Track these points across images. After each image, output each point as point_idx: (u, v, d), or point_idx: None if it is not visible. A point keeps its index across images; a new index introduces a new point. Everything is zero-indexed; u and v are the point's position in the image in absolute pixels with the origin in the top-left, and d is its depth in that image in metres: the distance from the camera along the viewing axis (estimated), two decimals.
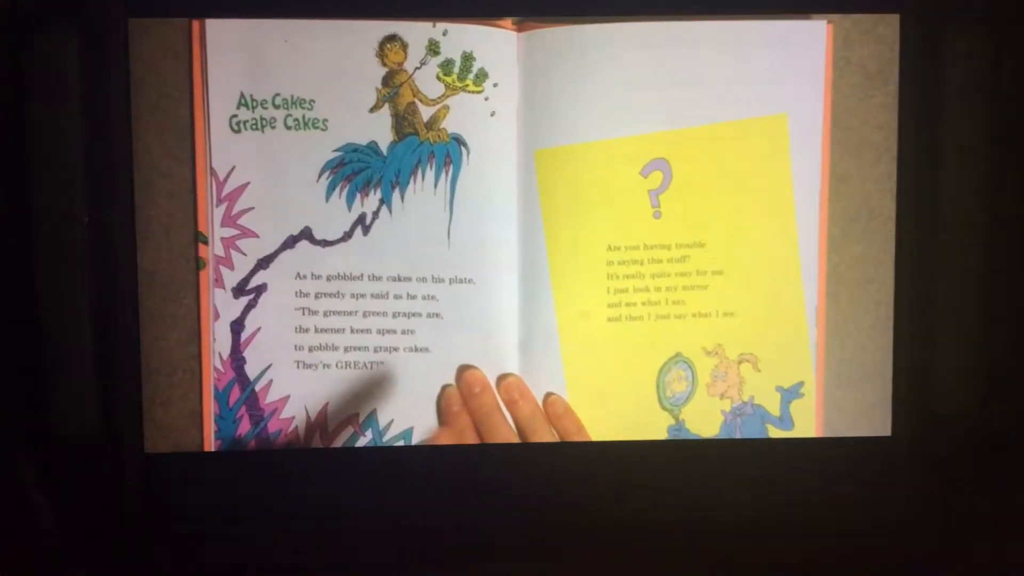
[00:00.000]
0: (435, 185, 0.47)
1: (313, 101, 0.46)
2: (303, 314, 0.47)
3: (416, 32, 0.46)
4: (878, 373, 0.48)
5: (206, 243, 0.47)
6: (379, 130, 0.47)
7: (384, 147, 0.47)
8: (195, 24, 0.46)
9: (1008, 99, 0.46)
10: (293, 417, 0.48)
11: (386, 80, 0.47)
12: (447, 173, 0.47)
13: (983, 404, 0.47)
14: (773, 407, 0.49)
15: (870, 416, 0.48)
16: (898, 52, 0.47)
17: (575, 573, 0.47)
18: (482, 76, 0.47)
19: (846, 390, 0.49)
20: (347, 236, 0.47)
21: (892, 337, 0.48)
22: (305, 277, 0.47)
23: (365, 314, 0.48)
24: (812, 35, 0.47)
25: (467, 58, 0.47)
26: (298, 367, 0.48)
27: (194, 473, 0.47)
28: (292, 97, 0.46)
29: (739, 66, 0.47)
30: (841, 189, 0.48)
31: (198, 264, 0.47)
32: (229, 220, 0.47)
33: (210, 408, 0.47)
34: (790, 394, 0.49)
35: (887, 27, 0.47)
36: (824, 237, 0.48)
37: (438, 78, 0.47)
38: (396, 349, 0.48)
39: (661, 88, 0.47)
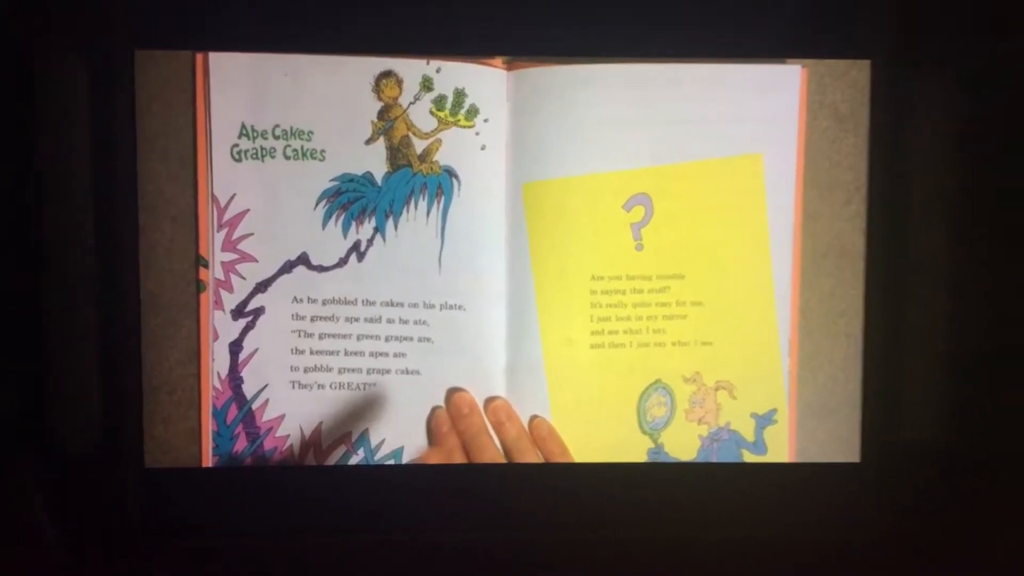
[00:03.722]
0: (427, 215, 0.48)
1: (311, 132, 0.47)
2: (299, 336, 0.48)
3: (411, 69, 0.47)
4: (848, 402, 0.49)
5: (207, 267, 0.48)
6: (374, 161, 0.48)
7: (379, 177, 0.48)
8: (199, 57, 0.47)
9: (975, 142, 0.47)
10: (288, 435, 0.48)
11: (381, 114, 0.47)
12: (439, 203, 0.48)
13: (948, 432, 0.47)
14: (748, 433, 0.50)
15: (840, 443, 0.49)
16: (868, 96, 0.48)
17: None
18: (473, 112, 0.48)
19: (817, 418, 0.49)
20: (342, 262, 0.48)
21: (861, 368, 0.49)
22: (302, 301, 0.48)
23: (359, 337, 0.48)
24: (787, 79, 0.48)
25: (459, 94, 0.47)
26: (294, 387, 0.48)
27: (192, 488, 0.47)
28: (291, 128, 0.47)
29: (718, 107, 0.48)
30: (813, 226, 0.49)
31: (199, 287, 0.48)
32: (229, 245, 0.48)
33: (208, 425, 0.48)
34: (764, 421, 0.50)
35: (859, 72, 0.48)
36: (797, 272, 0.49)
37: (431, 113, 0.48)
38: (388, 371, 0.48)
39: (644, 126, 0.48)
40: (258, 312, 0.48)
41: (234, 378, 0.48)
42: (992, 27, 0.47)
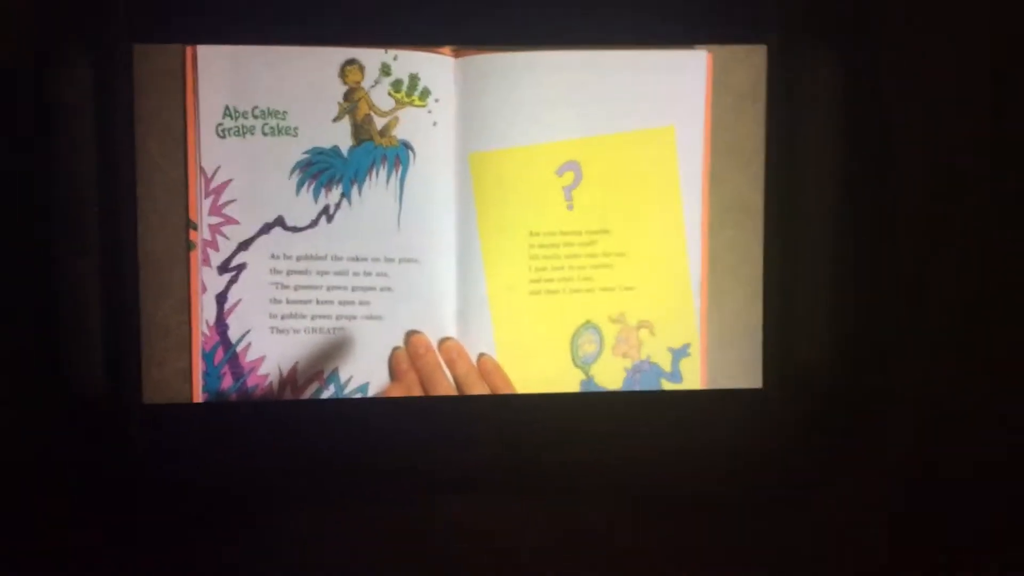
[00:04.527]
0: (387, 182, 0.50)
1: (286, 112, 0.49)
2: (277, 288, 0.50)
3: (371, 57, 0.49)
4: (750, 336, 0.51)
5: (195, 229, 0.49)
6: (341, 136, 0.49)
7: (345, 150, 0.49)
8: (189, 49, 0.48)
9: (855, 113, 0.49)
10: (268, 374, 0.50)
11: (346, 96, 0.49)
12: (397, 172, 0.50)
13: (838, 359, 0.49)
14: (666, 364, 0.52)
15: (745, 371, 0.51)
16: (765, 76, 0.50)
17: (504, 504, 0.49)
18: (426, 93, 0.49)
19: (725, 350, 0.52)
20: (314, 224, 0.50)
21: (762, 307, 0.51)
22: (278, 258, 0.50)
23: (328, 288, 0.50)
24: (696, 62, 0.50)
25: (413, 78, 0.49)
26: (272, 332, 0.50)
27: (185, 421, 0.49)
28: (268, 109, 0.49)
29: (636, 87, 0.50)
30: (719, 187, 0.51)
31: (188, 246, 0.49)
32: (215, 210, 0.49)
33: (198, 366, 0.49)
34: (679, 353, 0.52)
35: (757, 56, 0.50)
36: (705, 225, 0.51)
37: (389, 94, 0.49)
38: (354, 317, 0.50)
39: (572, 104, 0.50)
40: (240, 267, 0.50)
41: (220, 325, 0.49)
42: (871, 11, 0.49)
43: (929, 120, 0.49)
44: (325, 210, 0.50)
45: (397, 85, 0.50)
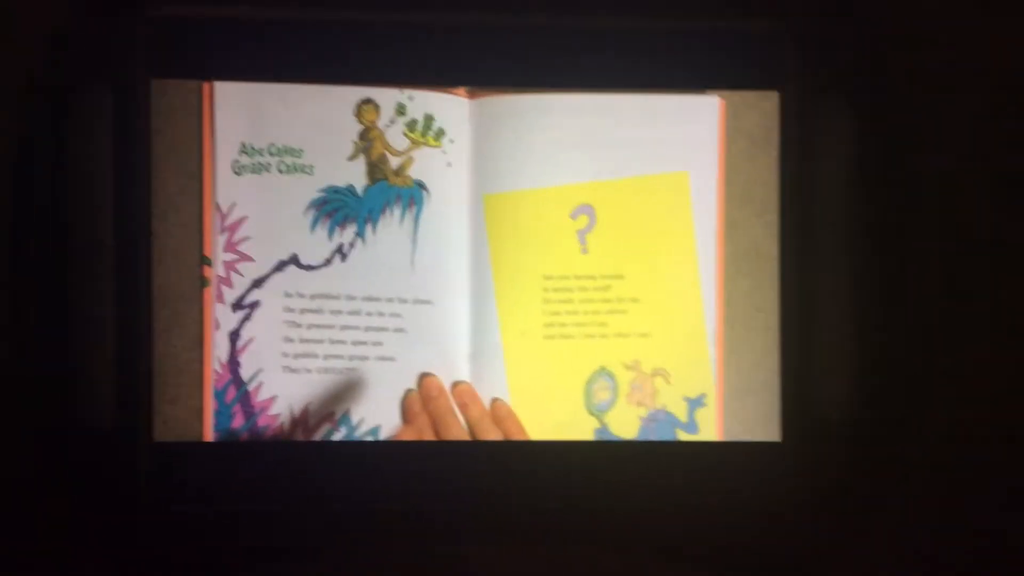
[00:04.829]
0: (401, 221, 0.49)
1: (302, 150, 0.49)
2: (290, 327, 0.49)
3: (387, 96, 0.49)
4: (768, 387, 0.50)
5: (210, 265, 0.49)
6: (355, 175, 0.49)
7: (360, 189, 0.49)
8: (205, 85, 0.48)
9: (870, 160, 0.49)
10: (279, 414, 0.49)
11: (362, 135, 0.49)
12: (411, 212, 0.49)
13: (857, 412, 0.48)
14: (681, 414, 0.51)
15: (763, 423, 0.50)
16: (778, 122, 0.49)
17: (515, 553, 0.48)
18: (440, 133, 0.49)
19: (742, 401, 0.50)
20: (328, 262, 0.49)
21: (779, 357, 0.50)
22: (292, 296, 0.49)
23: (342, 328, 0.49)
24: (708, 107, 0.50)
25: (428, 118, 0.49)
26: (285, 371, 0.49)
27: (195, 460, 0.48)
28: (284, 146, 0.49)
29: (649, 131, 0.49)
30: (733, 233, 0.50)
31: (202, 282, 0.49)
32: (230, 247, 0.49)
33: (210, 405, 0.49)
34: (695, 403, 0.51)
35: (769, 102, 0.49)
36: (721, 272, 0.50)
37: (404, 134, 0.49)
38: (367, 358, 0.49)
39: (586, 147, 0.49)
40: (254, 305, 0.49)
41: (233, 363, 0.49)
42: (885, 58, 0.49)
43: (945, 166, 0.49)
44: (339, 249, 0.50)
45: (412, 125, 0.50)
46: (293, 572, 0.48)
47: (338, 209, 0.49)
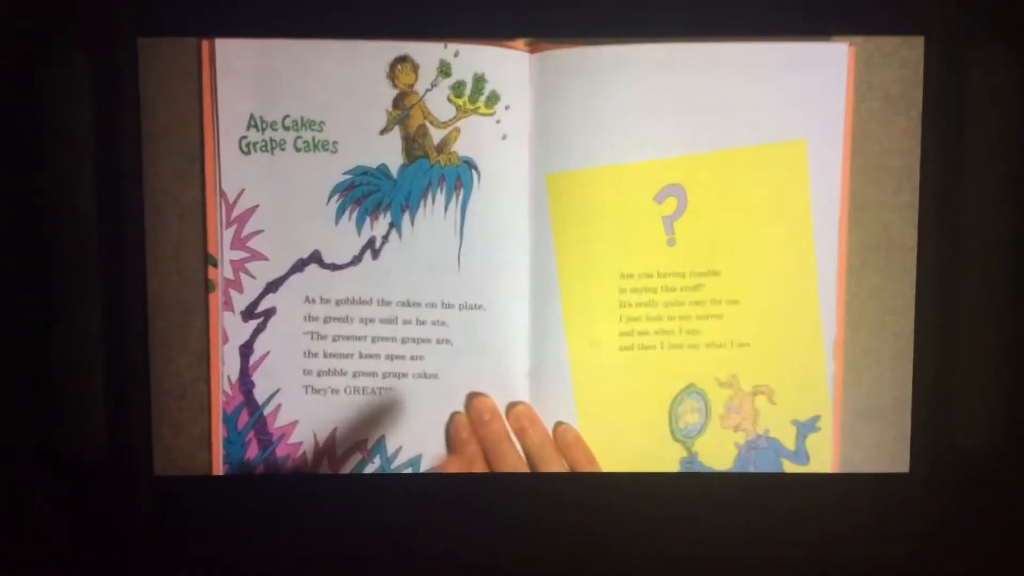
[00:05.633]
0: (445, 209, 0.47)
1: (323, 123, 0.47)
2: (312, 338, 0.48)
3: (427, 53, 0.47)
4: (897, 408, 0.48)
5: (215, 265, 0.47)
6: (389, 153, 0.47)
7: (394, 170, 0.47)
8: (205, 44, 0.46)
9: None
10: (301, 442, 0.48)
11: (396, 102, 0.47)
12: (458, 197, 0.47)
13: (1005, 441, 0.46)
14: (788, 441, 0.49)
15: (888, 451, 0.48)
16: (922, 76, 0.47)
17: None
18: (494, 98, 0.47)
19: (864, 424, 0.48)
20: (356, 260, 0.48)
21: (912, 371, 0.47)
22: (314, 301, 0.48)
23: (374, 339, 0.48)
24: (833, 58, 0.47)
25: (479, 80, 0.47)
26: (306, 392, 0.48)
27: (203, 497, 0.47)
28: (302, 119, 0.47)
29: (757, 90, 0.47)
30: (861, 217, 0.48)
31: (207, 287, 0.47)
32: (238, 243, 0.47)
33: (218, 432, 0.48)
34: (806, 428, 0.49)
35: (911, 50, 0.47)
36: (843, 266, 0.48)
37: (449, 100, 0.47)
38: (405, 375, 0.48)
39: (677, 112, 0.47)
40: (269, 313, 0.48)
41: (245, 382, 0.48)
42: None
43: None
44: (370, 243, 0.48)
45: (459, 88, 0.47)
46: None
47: (368, 195, 0.48)
